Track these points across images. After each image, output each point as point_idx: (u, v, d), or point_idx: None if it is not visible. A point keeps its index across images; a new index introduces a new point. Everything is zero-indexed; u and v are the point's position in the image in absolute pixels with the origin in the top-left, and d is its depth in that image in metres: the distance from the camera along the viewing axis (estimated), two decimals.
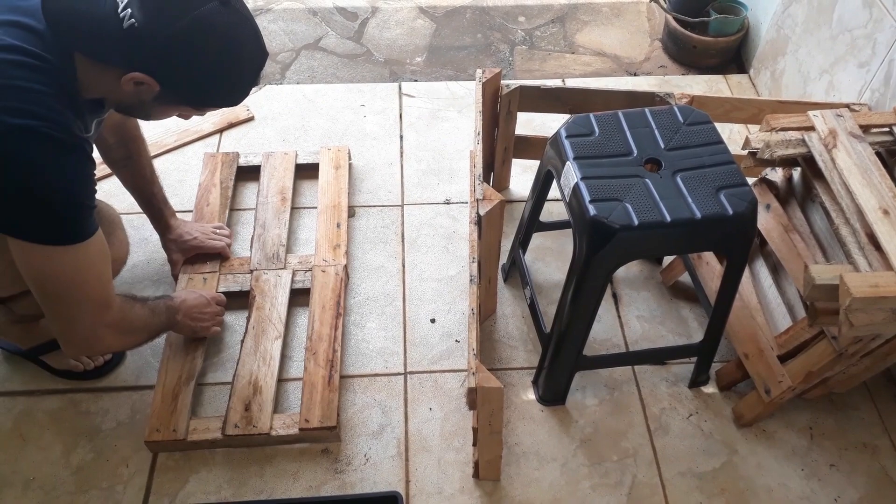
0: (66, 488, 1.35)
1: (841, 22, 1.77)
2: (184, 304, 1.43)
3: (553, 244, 1.76)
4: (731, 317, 1.39)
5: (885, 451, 1.43)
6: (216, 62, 1.04)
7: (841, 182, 1.24)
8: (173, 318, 1.39)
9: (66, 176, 1.01)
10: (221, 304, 1.54)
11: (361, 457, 1.40)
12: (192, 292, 1.50)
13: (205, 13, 0.99)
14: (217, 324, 1.52)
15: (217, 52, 1.03)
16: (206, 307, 1.48)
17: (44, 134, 0.97)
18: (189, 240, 1.62)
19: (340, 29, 2.42)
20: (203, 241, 1.63)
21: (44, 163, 0.98)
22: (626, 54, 2.36)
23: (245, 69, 1.09)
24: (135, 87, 1.03)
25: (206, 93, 1.09)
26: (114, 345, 1.29)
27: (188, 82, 1.05)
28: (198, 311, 1.46)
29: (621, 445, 1.43)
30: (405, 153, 1.97)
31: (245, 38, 1.07)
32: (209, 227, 1.68)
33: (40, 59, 0.98)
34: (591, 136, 1.26)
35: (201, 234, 1.65)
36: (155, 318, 1.33)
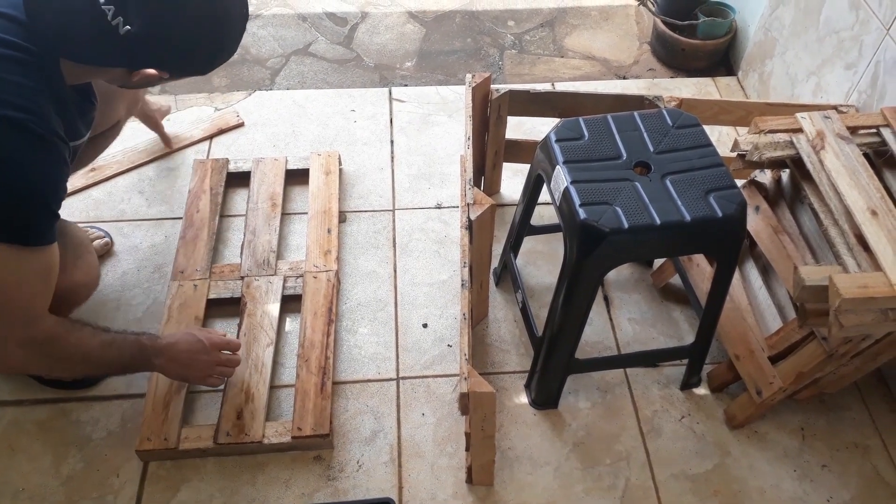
0: (55, 498, 1.34)
1: (828, 24, 1.78)
2: (172, 349, 1.30)
3: (544, 248, 1.76)
4: (722, 318, 1.40)
5: (876, 451, 1.44)
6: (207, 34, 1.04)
7: (829, 183, 1.24)
8: (148, 359, 1.27)
9: (37, 173, 0.98)
10: (231, 348, 1.39)
11: (354, 463, 1.40)
12: (190, 334, 1.33)
13: None
14: (216, 373, 1.36)
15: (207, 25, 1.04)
16: (201, 354, 1.32)
17: (24, 126, 0.94)
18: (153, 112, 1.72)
19: (330, 34, 2.42)
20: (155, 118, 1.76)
21: (18, 156, 0.95)
22: (615, 58, 2.37)
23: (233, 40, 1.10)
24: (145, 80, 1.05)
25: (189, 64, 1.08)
26: (31, 367, 1.20)
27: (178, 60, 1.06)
28: (189, 358, 1.31)
29: (614, 448, 1.43)
30: (396, 158, 1.97)
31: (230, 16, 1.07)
32: None
33: (23, 51, 0.96)
34: (581, 140, 1.27)
35: None
36: (110, 351, 1.21)
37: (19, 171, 0.95)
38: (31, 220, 1.00)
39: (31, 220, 1.00)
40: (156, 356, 1.28)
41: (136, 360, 1.27)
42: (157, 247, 1.73)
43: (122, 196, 1.83)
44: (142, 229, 1.76)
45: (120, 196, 1.83)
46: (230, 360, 1.38)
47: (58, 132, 1.01)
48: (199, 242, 1.68)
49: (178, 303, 1.57)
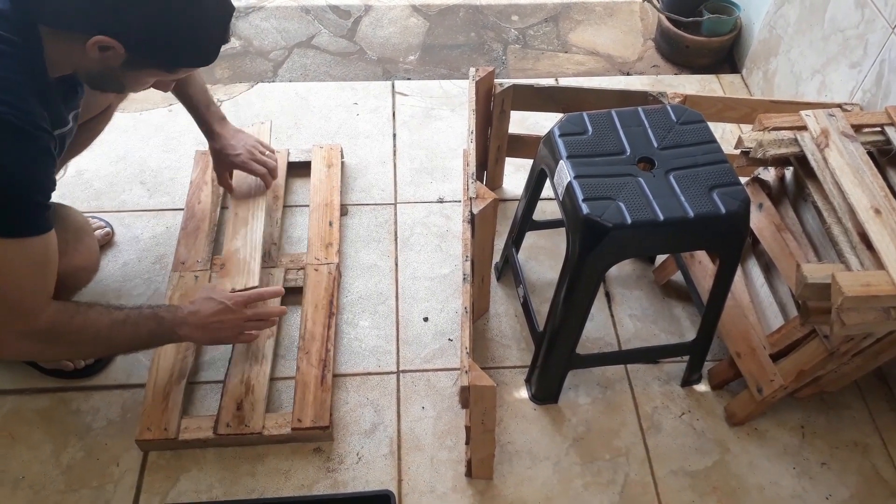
0: (55, 487, 1.34)
1: (833, 22, 1.77)
2: (195, 316, 1.27)
3: (546, 243, 1.76)
4: (724, 316, 1.40)
5: (876, 449, 1.44)
6: (177, 12, 1.01)
7: (833, 181, 1.24)
8: (171, 331, 1.25)
9: (19, 166, 0.97)
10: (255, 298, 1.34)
11: (354, 455, 1.40)
12: (210, 299, 1.29)
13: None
14: (249, 328, 1.33)
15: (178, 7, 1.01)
16: (225, 314, 1.29)
17: (5, 120, 0.94)
18: (233, 155, 1.58)
19: (333, 27, 2.41)
20: (246, 160, 1.59)
21: None
22: (619, 54, 2.37)
23: (211, 19, 1.06)
24: (101, 54, 1.00)
25: (172, 49, 1.05)
26: (40, 356, 1.18)
27: (151, 39, 1.01)
28: (216, 321, 1.28)
29: (614, 444, 1.43)
30: (398, 151, 1.97)
31: None
32: (257, 145, 1.63)
33: (6, 43, 0.96)
34: (585, 135, 1.26)
35: (247, 151, 1.59)
36: (124, 329, 1.19)
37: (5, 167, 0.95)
38: (18, 212, 0.99)
39: (18, 212, 0.99)
40: (179, 327, 1.25)
41: (155, 335, 1.24)
42: (158, 237, 1.73)
43: (124, 186, 1.83)
44: (143, 220, 1.76)
45: (121, 186, 1.83)
46: (259, 314, 1.34)
47: (41, 124, 1.00)
48: (201, 234, 1.68)
49: (178, 294, 1.57)
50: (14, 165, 0.96)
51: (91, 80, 1.10)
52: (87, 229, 1.33)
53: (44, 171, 1.02)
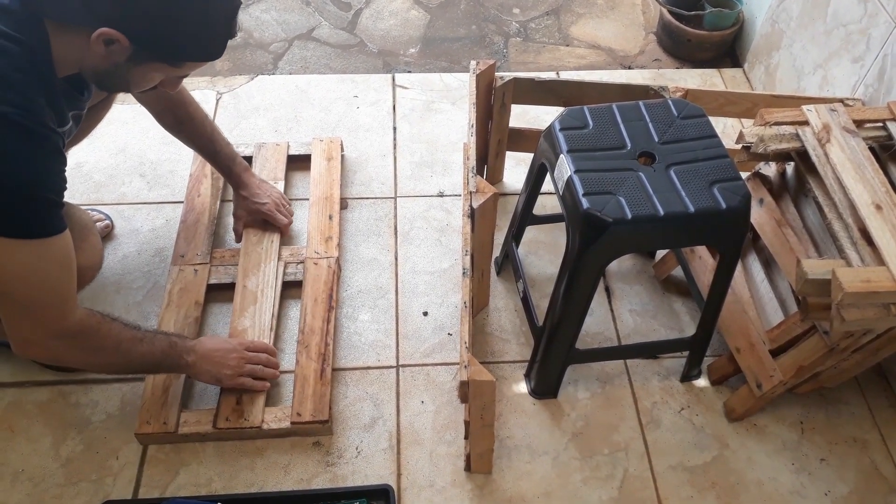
0: (55, 480, 1.34)
1: (836, 17, 1.77)
2: (201, 345, 1.34)
3: (546, 237, 1.75)
4: (724, 311, 1.39)
5: (875, 445, 1.44)
6: (182, 3, 0.99)
7: (834, 177, 1.24)
8: (179, 356, 1.30)
9: (29, 165, 0.97)
10: (265, 351, 1.42)
11: (353, 449, 1.40)
12: (216, 337, 1.41)
13: None
14: (247, 373, 1.38)
15: None
16: (231, 353, 1.37)
17: (14, 121, 0.94)
18: (260, 203, 1.63)
19: (334, 19, 2.40)
20: (272, 210, 1.64)
21: (9, 150, 0.94)
22: (621, 47, 2.36)
23: (216, 11, 1.04)
24: (105, 49, 0.99)
25: (178, 41, 1.03)
26: (66, 358, 1.19)
27: (156, 31, 1.00)
28: (220, 356, 1.35)
29: (613, 439, 1.43)
30: (398, 145, 1.96)
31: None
32: (281, 198, 1.69)
33: (13, 41, 0.95)
34: (585, 129, 1.26)
35: (273, 202, 1.65)
36: (141, 346, 1.23)
37: (12, 165, 0.95)
38: (34, 213, 1.00)
39: (34, 213, 1.00)
40: (186, 353, 1.31)
41: (167, 357, 1.28)
42: (157, 230, 1.73)
43: (124, 179, 1.83)
44: (142, 213, 1.76)
45: (121, 179, 1.82)
46: (261, 360, 1.41)
47: (49, 124, 1.00)
48: (200, 227, 1.68)
49: (178, 287, 1.57)
50: (28, 166, 0.97)
51: (97, 78, 1.09)
52: (91, 228, 1.34)
53: (56, 170, 1.02)
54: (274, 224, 1.66)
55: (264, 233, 1.66)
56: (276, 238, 1.66)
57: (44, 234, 1.01)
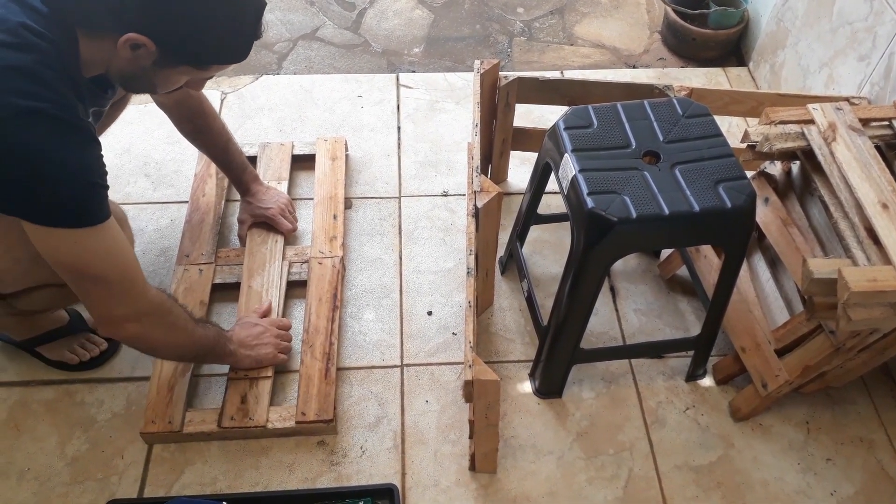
0: (60, 479, 1.34)
1: (841, 15, 1.76)
2: (237, 334, 1.41)
3: (551, 237, 1.75)
4: (729, 310, 1.39)
5: (881, 445, 1.43)
6: (208, 7, 0.99)
7: (840, 176, 1.23)
8: (225, 345, 1.36)
9: (75, 157, 0.98)
10: (284, 327, 1.50)
11: (357, 449, 1.40)
12: (245, 323, 1.45)
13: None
14: (281, 350, 1.46)
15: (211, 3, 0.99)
16: (262, 335, 1.44)
17: (51, 115, 0.95)
18: (264, 208, 1.65)
19: (338, 19, 2.40)
20: (275, 215, 1.65)
21: (53, 145, 0.95)
22: (625, 46, 2.35)
23: (243, 13, 1.04)
24: (132, 53, 1.00)
25: (204, 45, 1.03)
26: (151, 335, 1.20)
27: (182, 35, 1.00)
28: (255, 337, 1.43)
29: (618, 438, 1.43)
30: (403, 144, 1.96)
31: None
32: (288, 205, 1.70)
33: (43, 39, 0.96)
34: (590, 129, 1.26)
35: (278, 207, 1.66)
36: (200, 329, 1.28)
37: (65, 158, 0.97)
38: (94, 200, 1.02)
39: (94, 200, 1.02)
40: (229, 341, 1.37)
41: (218, 344, 1.34)
42: (162, 230, 1.73)
43: (128, 179, 1.83)
44: (147, 212, 1.76)
45: (126, 179, 1.83)
46: (286, 335, 1.49)
47: (81, 116, 1.02)
48: (205, 226, 1.68)
49: (183, 287, 1.57)
50: (78, 157, 0.99)
51: (123, 80, 1.10)
52: (123, 219, 1.35)
53: (98, 156, 1.04)
54: (277, 229, 1.66)
55: (269, 233, 1.66)
56: (281, 238, 1.67)
57: (100, 220, 1.04)
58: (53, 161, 0.95)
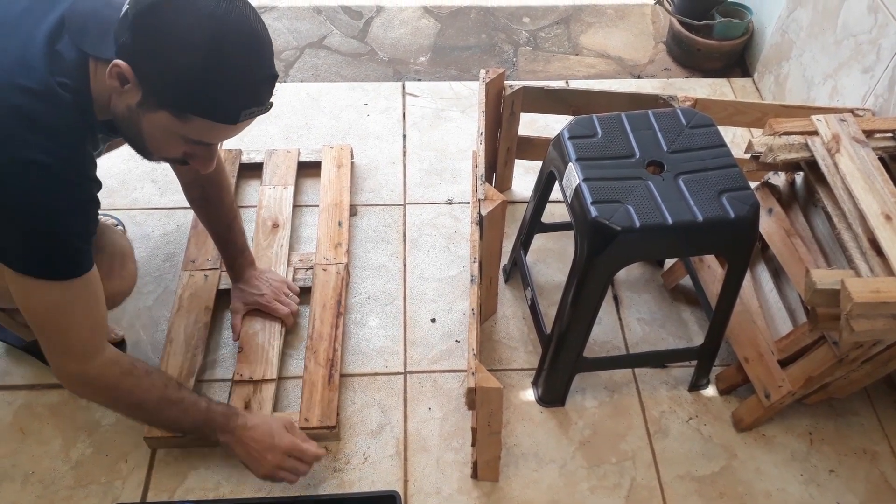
0: (64, 482, 1.35)
1: (845, 27, 1.77)
2: (243, 432, 1.23)
3: (555, 245, 1.75)
4: (732, 320, 1.39)
5: (884, 457, 1.43)
6: (191, 50, 0.91)
7: (843, 187, 1.24)
8: (212, 433, 1.22)
9: (57, 212, 0.97)
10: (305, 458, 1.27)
11: (360, 456, 1.40)
12: (269, 427, 1.25)
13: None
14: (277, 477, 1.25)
15: (194, 35, 0.90)
16: (268, 452, 1.23)
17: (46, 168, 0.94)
18: (257, 295, 1.52)
19: (345, 28, 2.42)
20: (269, 301, 1.52)
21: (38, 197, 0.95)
22: (630, 56, 2.36)
23: (230, 71, 0.94)
24: (120, 86, 0.95)
25: (180, 89, 0.93)
26: (92, 400, 1.20)
27: (159, 70, 0.93)
28: (256, 450, 1.23)
29: (620, 448, 1.43)
30: (408, 152, 1.97)
31: (239, 34, 0.93)
32: (282, 286, 1.56)
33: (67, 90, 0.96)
34: (594, 138, 1.26)
35: (271, 292, 1.53)
36: (170, 410, 1.18)
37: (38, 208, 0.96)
38: (59, 254, 1.01)
39: (59, 254, 1.01)
40: (222, 433, 1.23)
41: (198, 428, 1.22)
42: (168, 236, 1.74)
43: (135, 184, 1.84)
44: (154, 218, 1.78)
45: (133, 184, 1.84)
46: (295, 469, 1.26)
47: (88, 173, 1.02)
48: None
49: (188, 293, 1.58)
50: (57, 212, 0.97)
51: (119, 126, 1.04)
52: (130, 255, 1.32)
53: (86, 217, 1.02)
54: (274, 315, 1.54)
55: (265, 320, 1.54)
56: (286, 244, 1.68)
57: (74, 276, 1.02)
58: (32, 212, 0.95)
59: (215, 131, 1.00)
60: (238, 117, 0.98)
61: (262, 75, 0.98)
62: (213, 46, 0.92)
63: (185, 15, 0.91)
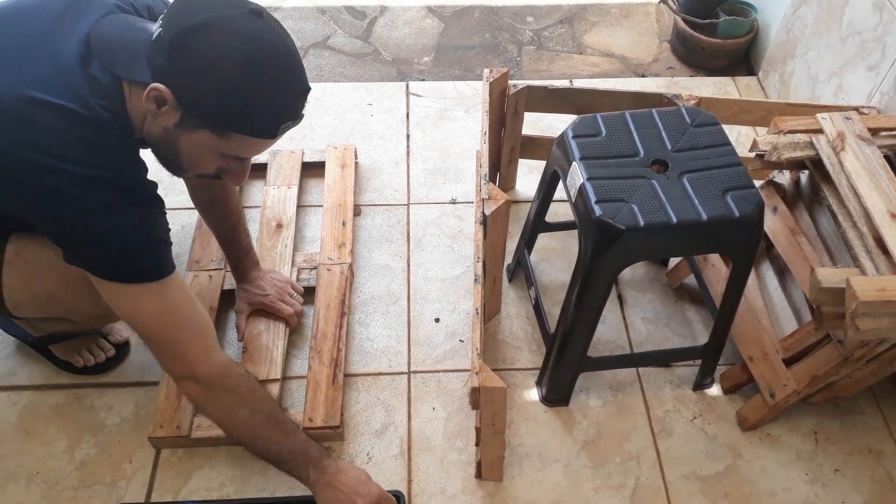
0: (69, 483, 1.35)
1: (851, 25, 1.76)
2: (335, 473, 1.20)
3: (559, 245, 1.75)
4: (737, 319, 1.39)
5: (890, 456, 1.42)
6: (232, 69, 0.93)
7: (849, 185, 1.23)
8: (305, 467, 1.19)
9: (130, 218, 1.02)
10: None
11: (364, 456, 1.40)
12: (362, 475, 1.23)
13: (226, 14, 0.93)
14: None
15: (233, 55, 0.92)
16: (359, 497, 1.19)
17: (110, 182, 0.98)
18: (261, 295, 1.53)
19: (349, 28, 2.42)
20: (274, 301, 1.53)
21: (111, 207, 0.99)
22: (635, 55, 2.36)
23: (269, 88, 0.97)
24: (157, 109, 0.97)
25: (223, 107, 0.96)
26: (205, 407, 1.16)
27: (201, 91, 0.95)
28: (345, 494, 1.19)
29: (625, 447, 1.43)
30: (412, 152, 1.97)
31: (274, 52, 0.97)
32: (286, 286, 1.57)
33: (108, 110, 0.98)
34: (598, 137, 1.26)
35: (276, 292, 1.54)
36: (274, 432, 1.16)
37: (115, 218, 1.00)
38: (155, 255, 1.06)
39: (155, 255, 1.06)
40: (315, 470, 1.20)
41: (293, 458, 1.19)
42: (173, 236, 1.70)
43: None
44: None
45: None
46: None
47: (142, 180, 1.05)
48: None
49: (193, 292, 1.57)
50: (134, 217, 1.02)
51: (154, 147, 1.07)
52: None
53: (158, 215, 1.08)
54: (278, 315, 1.54)
55: (269, 320, 1.54)
56: (290, 243, 1.68)
57: (164, 275, 1.06)
58: (110, 221, 0.99)
59: (254, 146, 1.04)
60: (277, 131, 1.02)
61: (298, 89, 1.02)
62: (252, 65, 0.94)
63: (222, 36, 0.93)
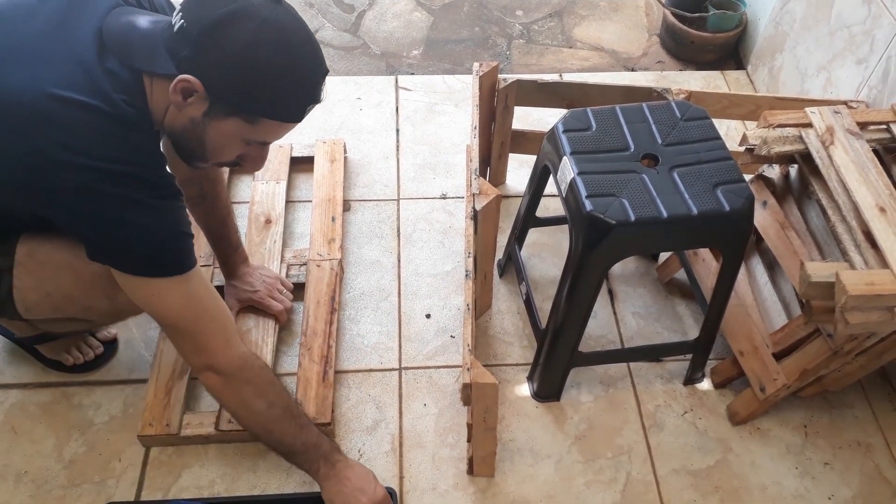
0: (58, 482, 1.34)
1: (839, 18, 1.76)
2: (343, 468, 1.22)
3: (549, 240, 1.75)
4: (727, 314, 1.39)
5: (879, 449, 1.43)
6: (262, 57, 0.95)
7: (838, 179, 1.23)
8: (317, 460, 1.21)
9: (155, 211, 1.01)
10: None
11: (355, 452, 1.40)
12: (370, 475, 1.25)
13: (250, 3, 0.94)
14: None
15: (263, 43, 0.94)
16: (364, 495, 1.21)
17: (136, 176, 0.98)
18: (250, 292, 1.53)
19: (337, 21, 2.41)
20: (263, 297, 1.53)
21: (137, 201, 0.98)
22: (624, 49, 2.36)
23: (297, 72, 0.99)
24: (183, 100, 0.97)
25: (254, 94, 0.97)
26: (223, 397, 1.18)
27: (232, 79, 0.96)
28: (350, 491, 1.21)
29: (616, 442, 1.43)
30: (401, 147, 1.96)
31: (298, 37, 0.98)
32: (276, 283, 1.57)
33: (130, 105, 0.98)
34: (588, 131, 1.26)
35: (265, 288, 1.54)
36: (290, 424, 1.18)
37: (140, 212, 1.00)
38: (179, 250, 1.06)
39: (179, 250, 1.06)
40: (325, 463, 1.22)
41: (306, 451, 1.21)
42: None
43: None
44: None
45: None
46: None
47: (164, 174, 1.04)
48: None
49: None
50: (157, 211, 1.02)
51: (177, 139, 1.06)
52: None
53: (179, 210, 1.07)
54: (268, 312, 1.54)
55: (259, 317, 1.54)
56: (279, 239, 1.67)
57: (186, 269, 1.07)
58: (141, 216, 0.99)
59: (281, 130, 1.06)
60: (303, 114, 1.04)
61: (320, 72, 1.03)
62: (281, 53, 0.96)
63: (251, 26, 0.94)
